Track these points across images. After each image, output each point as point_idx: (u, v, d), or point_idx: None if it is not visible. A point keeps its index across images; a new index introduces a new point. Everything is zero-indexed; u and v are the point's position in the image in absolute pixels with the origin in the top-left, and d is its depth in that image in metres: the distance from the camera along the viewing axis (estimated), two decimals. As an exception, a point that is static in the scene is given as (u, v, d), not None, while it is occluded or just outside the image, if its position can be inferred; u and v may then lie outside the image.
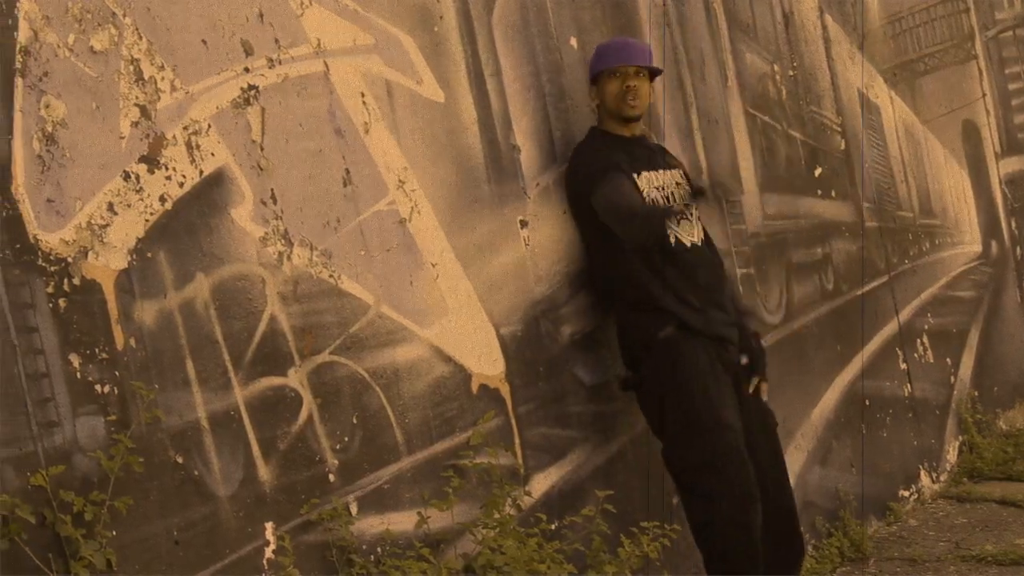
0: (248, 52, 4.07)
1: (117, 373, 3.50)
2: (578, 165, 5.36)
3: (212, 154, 3.90)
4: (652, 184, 5.32)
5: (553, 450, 5.06)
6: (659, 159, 5.51)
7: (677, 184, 5.45)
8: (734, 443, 5.18)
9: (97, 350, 3.47)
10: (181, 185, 3.78)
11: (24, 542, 3.21)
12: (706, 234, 5.54)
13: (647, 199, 5.27)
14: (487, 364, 4.80)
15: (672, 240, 5.29)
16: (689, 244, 5.36)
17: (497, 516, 4.43)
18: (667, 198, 5.33)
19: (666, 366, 5.21)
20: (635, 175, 5.31)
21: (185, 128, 3.82)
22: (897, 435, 7.86)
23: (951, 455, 8.62)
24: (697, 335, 5.24)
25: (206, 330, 3.79)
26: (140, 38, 3.74)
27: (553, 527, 4.77)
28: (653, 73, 5.50)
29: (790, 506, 5.53)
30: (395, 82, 4.62)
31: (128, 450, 3.42)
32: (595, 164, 5.29)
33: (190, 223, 3.79)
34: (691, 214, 5.42)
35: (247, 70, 4.06)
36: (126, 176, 3.63)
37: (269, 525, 3.85)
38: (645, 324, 5.24)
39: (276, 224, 4.06)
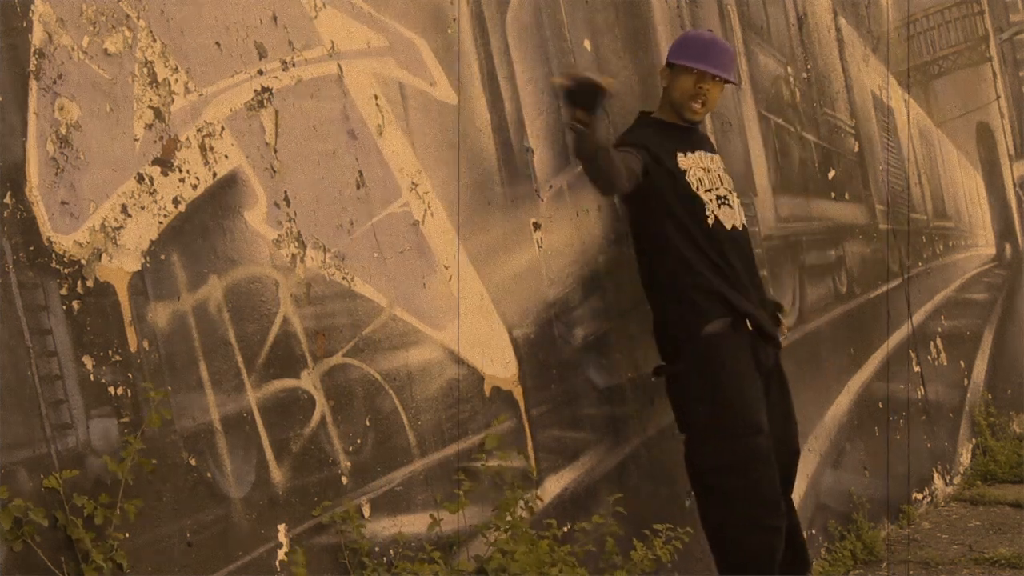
0: (262, 54, 4.08)
1: (130, 375, 3.51)
2: (630, 137, 5.37)
3: (226, 156, 3.90)
4: (700, 164, 5.33)
5: (566, 452, 5.06)
6: (708, 145, 5.53)
7: (724, 171, 5.48)
8: (764, 447, 5.17)
9: (110, 352, 3.48)
10: (195, 187, 3.79)
11: (36, 545, 3.22)
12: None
13: (694, 178, 5.27)
14: (500, 366, 4.80)
15: (711, 221, 5.28)
16: (729, 227, 5.34)
17: (509, 519, 4.43)
18: (714, 181, 5.32)
19: (706, 363, 5.19)
20: (683, 155, 5.31)
21: (199, 130, 3.82)
22: (910, 438, 7.84)
23: (964, 458, 8.61)
24: (741, 332, 5.23)
25: (219, 332, 3.80)
26: (154, 40, 3.74)
27: (565, 530, 4.77)
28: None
29: (795, 521, 5.52)
30: (409, 84, 4.62)
31: (139, 452, 3.42)
32: (641, 146, 5.26)
33: (204, 225, 3.80)
34: (732, 199, 5.43)
35: (261, 72, 4.06)
36: (140, 178, 3.63)
37: (282, 527, 3.86)
38: (689, 318, 5.22)
39: (289, 226, 4.06)
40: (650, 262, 5.34)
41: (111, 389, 3.46)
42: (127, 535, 3.42)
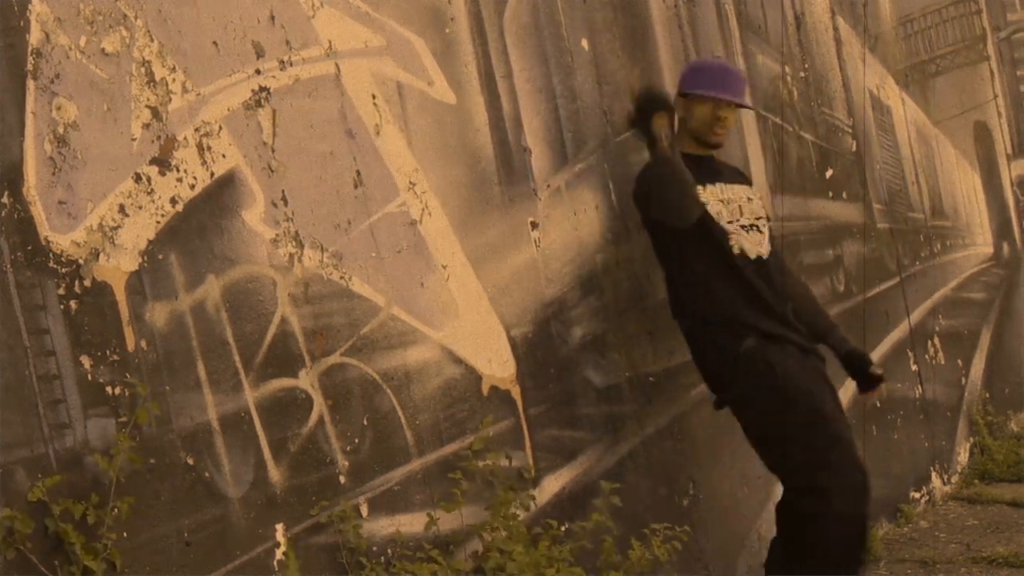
0: (259, 54, 4.08)
1: (128, 375, 3.51)
2: (644, 183, 5.37)
3: (223, 156, 3.90)
4: (717, 196, 5.33)
5: (564, 452, 5.06)
6: (728, 175, 5.52)
7: (748, 199, 5.46)
8: (841, 434, 5.16)
9: (108, 352, 3.48)
10: (192, 187, 3.78)
11: (29, 550, 3.20)
12: (773, 249, 5.55)
13: (713, 211, 5.26)
14: (498, 366, 4.80)
15: (736, 250, 5.29)
16: (754, 257, 5.34)
17: (503, 519, 4.43)
18: (734, 212, 5.32)
19: (756, 376, 5.18)
20: (701, 188, 5.30)
21: (196, 130, 3.82)
22: (908, 437, 7.85)
23: (962, 457, 8.62)
24: (778, 341, 5.22)
25: (217, 332, 3.79)
26: (151, 40, 3.74)
27: (564, 529, 4.77)
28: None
29: None
30: (406, 84, 4.62)
31: (135, 451, 3.41)
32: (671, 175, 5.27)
33: (201, 225, 3.80)
34: (761, 226, 5.43)
35: (258, 72, 4.06)
36: (137, 178, 3.63)
37: (280, 527, 3.86)
38: (724, 340, 5.22)
39: (287, 226, 4.06)
40: (677, 291, 5.35)
41: (109, 389, 3.46)
42: (124, 535, 3.41)
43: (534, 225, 5.11)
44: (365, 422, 4.22)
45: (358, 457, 4.17)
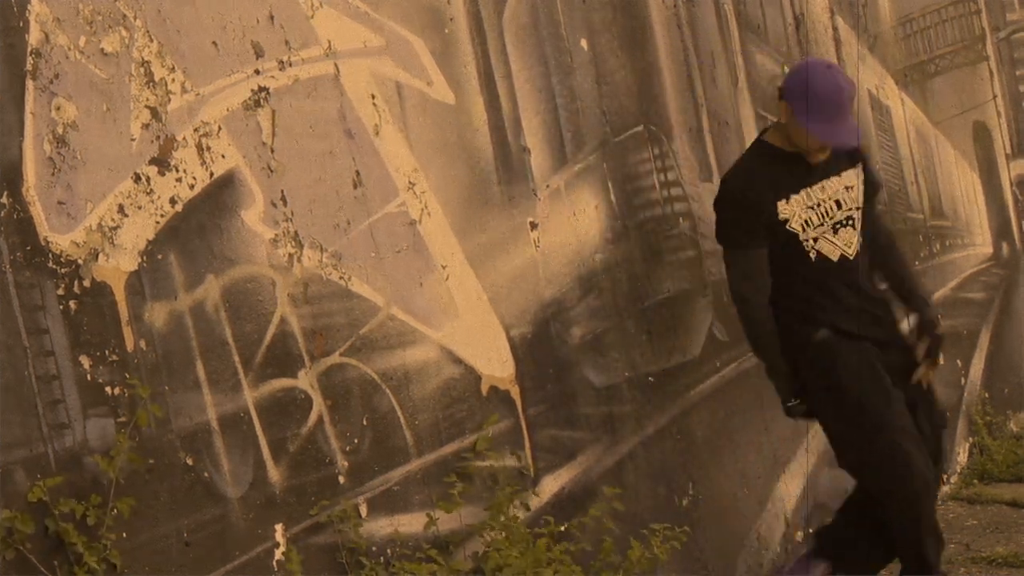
0: (259, 54, 4.08)
1: (127, 375, 3.50)
2: (734, 182, 5.27)
3: (223, 156, 3.90)
4: (805, 204, 5.17)
5: (563, 451, 5.06)
6: (823, 168, 5.25)
7: (847, 188, 5.28)
8: (898, 442, 5.09)
9: (107, 352, 3.47)
10: (191, 187, 3.78)
11: (28, 551, 3.20)
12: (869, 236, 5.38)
13: (797, 224, 5.17)
14: (497, 366, 4.80)
15: (812, 256, 5.19)
16: (836, 258, 5.24)
17: (502, 519, 4.43)
18: (825, 213, 5.22)
19: (821, 371, 5.17)
20: (784, 201, 5.16)
21: (196, 130, 3.82)
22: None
23: (962, 457, 8.62)
24: (852, 337, 5.18)
25: (216, 332, 3.79)
26: (151, 40, 3.74)
27: (563, 528, 4.77)
28: None
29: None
30: (406, 84, 4.62)
31: (135, 451, 3.41)
32: (742, 203, 5.19)
33: (200, 225, 3.80)
34: (853, 221, 5.28)
35: (258, 72, 4.06)
36: (137, 178, 3.63)
37: (279, 527, 3.86)
38: (800, 329, 5.20)
39: (286, 226, 4.06)
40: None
41: (108, 389, 3.46)
42: (124, 535, 3.41)
43: (534, 225, 5.11)
44: (364, 422, 4.22)
45: (357, 457, 4.17)
